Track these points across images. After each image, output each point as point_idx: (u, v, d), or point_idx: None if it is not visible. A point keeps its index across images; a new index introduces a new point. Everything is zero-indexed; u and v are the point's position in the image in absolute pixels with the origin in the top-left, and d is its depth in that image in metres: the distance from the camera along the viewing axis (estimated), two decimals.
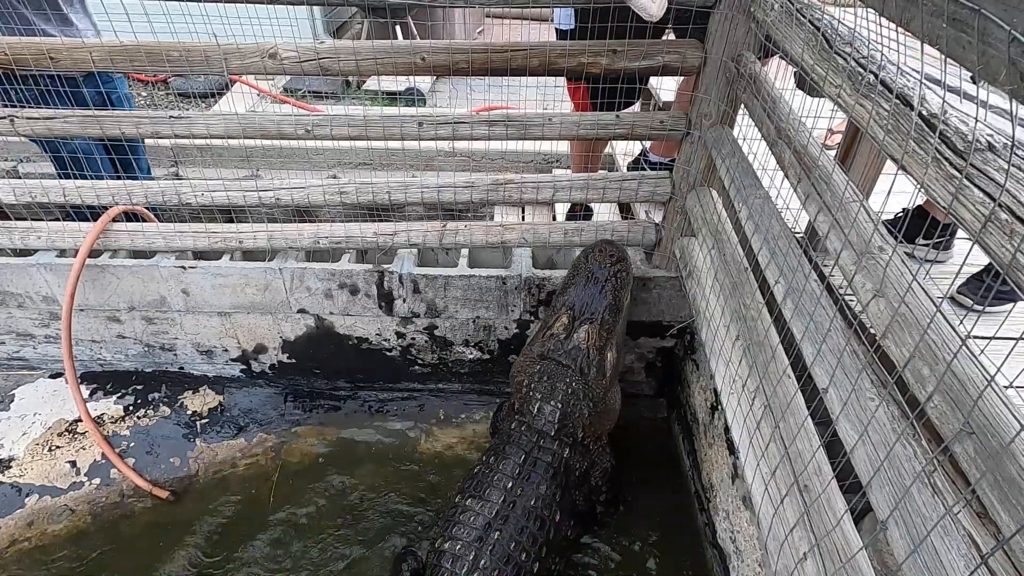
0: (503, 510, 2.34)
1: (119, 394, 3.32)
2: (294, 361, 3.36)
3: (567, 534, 2.53)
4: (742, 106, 2.42)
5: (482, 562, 2.23)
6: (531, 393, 2.58)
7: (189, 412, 3.28)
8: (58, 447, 3.06)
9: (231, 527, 2.80)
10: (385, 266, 2.98)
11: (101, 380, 3.38)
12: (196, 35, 2.42)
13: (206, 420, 3.25)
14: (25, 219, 3.13)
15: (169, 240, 2.94)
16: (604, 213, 3.32)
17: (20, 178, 3.29)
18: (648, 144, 3.54)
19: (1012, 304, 2.22)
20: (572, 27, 2.83)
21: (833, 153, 2.44)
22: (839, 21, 1.66)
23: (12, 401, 3.26)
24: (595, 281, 2.63)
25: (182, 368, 3.43)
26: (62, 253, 3.04)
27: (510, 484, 2.40)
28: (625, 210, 3.54)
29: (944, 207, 1.16)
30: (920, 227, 2.50)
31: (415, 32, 6.19)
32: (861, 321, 1.48)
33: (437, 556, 2.31)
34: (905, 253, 1.41)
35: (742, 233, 2.31)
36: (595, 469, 2.67)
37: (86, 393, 3.29)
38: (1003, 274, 0.99)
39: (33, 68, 2.44)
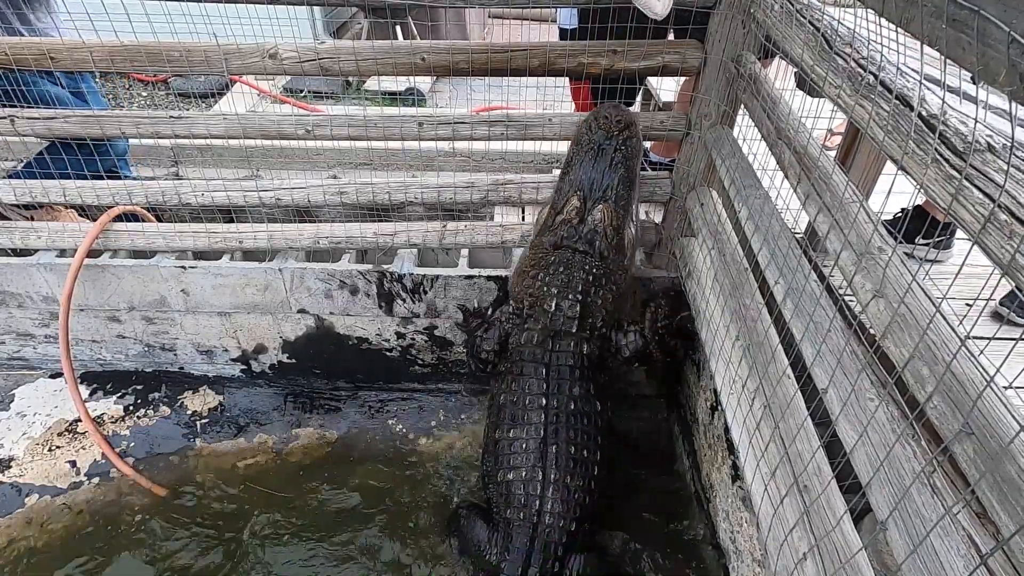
0: (550, 427, 2.35)
1: (119, 394, 3.32)
2: (294, 361, 3.36)
3: (608, 414, 2.52)
4: (742, 106, 2.42)
5: (552, 475, 2.31)
6: (545, 289, 2.41)
7: (189, 412, 3.28)
8: (58, 447, 3.06)
9: (231, 527, 2.80)
10: (385, 266, 2.98)
11: (101, 380, 3.38)
12: (196, 35, 2.43)
13: (206, 420, 3.25)
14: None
15: (169, 240, 2.94)
16: None
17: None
18: (648, 144, 3.54)
19: None
20: (575, 27, 2.83)
21: (833, 154, 2.44)
22: (839, 22, 1.66)
23: (12, 401, 3.26)
24: (603, 154, 2.39)
25: (182, 368, 3.43)
26: (62, 253, 3.04)
27: (544, 400, 2.36)
28: None
29: (944, 208, 1.16)
30: (919, 227, 2.50)
31: (415, 32, 6.19)
32: (861, 321, 1.48)
33: (505, 487, 2.36)
34: (904, 253, 1.41)
35: (742, 233, 2.31)
36: (617, 342, 2.52)
37: (86, 393, 3.29)
38: None
39: (34, 68, 2.44)
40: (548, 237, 2.44)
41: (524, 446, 2.36)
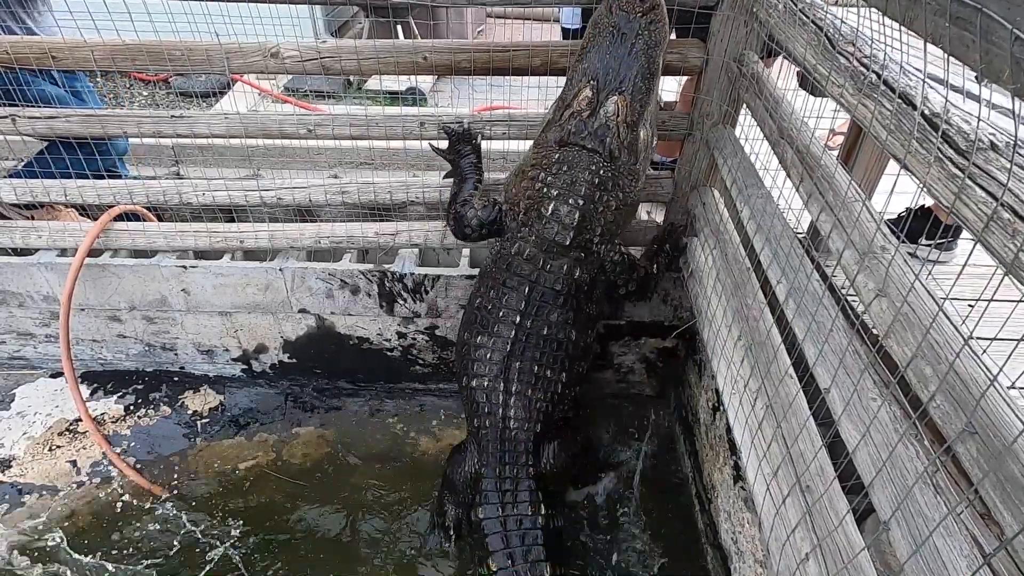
0: (517, 342, 2.37)
1: (120, 394, 3.32)
2: (295, 361, 3.36)
3: (585, 342, 2.51)
4: (744, 106, 2.42)
5: (514, 387, 2.37)
6: (544, 191, 2.22)
7: (190, 412, 3.28)
8: (58, 446, 3.06)
9: (231, 526, 2.80)
10: (386, 266, 2.98)
11: (102, 380, 3.38)
12: (198, 34, 2.43)
13: (207, 420, 3.25)
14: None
15: (170, 239, 2.94)
16: None
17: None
18: None
19: None
20: (578, 26, 2.83)
21: (835, 154, 2.44)
22: (842, 20, 1.66)
23: (13, 400, 3.26)
24: (622, 39, 2.10)
25: (183, 368, 3.43)
26: (63, 252, 3.03)
27: (518, 319, 2.35)
28: None
29: (947, 207, 1.15)
30: (923, 227, 2.50)
31: (416, 31, 6.19)
32: (863, 321, 1.48)
33: (470, 393, 2.45)
34: (908, 253, 1.41)
35: (744, 233, 2.31)
36: (606, 268, 2.41)
37: (87, 393, 3.29)
38: None
39: (35, 67, 2.44)
40: (554, 133, 2.23)
41: (489, 356, 2.40)
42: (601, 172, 2.17)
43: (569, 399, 2.57)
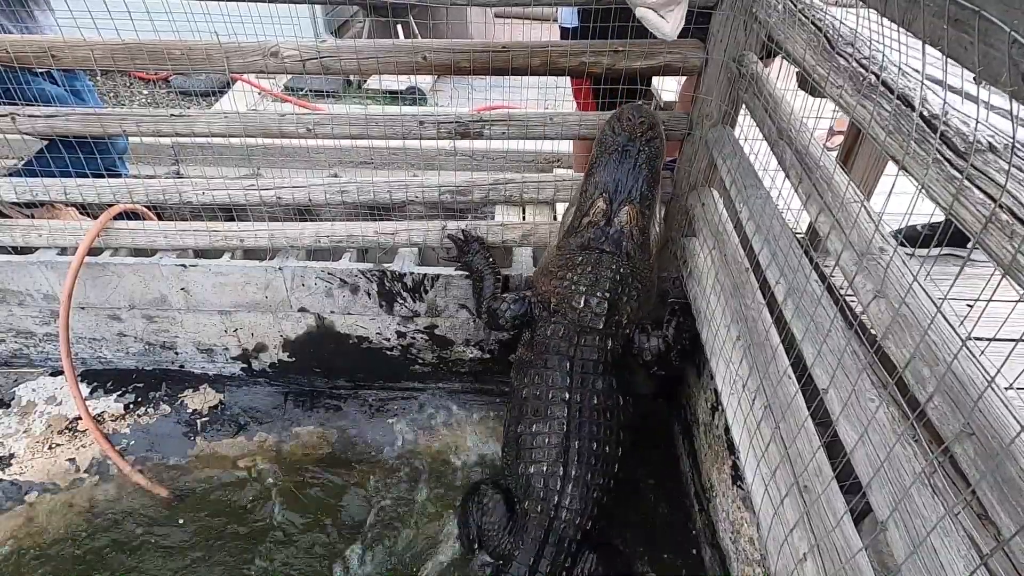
0: (572, 420, 2.39)
1: (119, 392, 3.33)
2: (294, 360, 3.36)
3: (628, 403, 2.54)
4: (743, 106, 2.42)
5: (572, 472, 2.37)
6: (573, 288, 2.44)
7: (189, 410, 3.28)
8: (58, 444, 3.06)
9: (231, 525, 2.80)
10: (386, 265, 2.98)
11: (102, 378, 3.38)
12: (198, 33, 2.43)
13: (206, 418, 3.25)
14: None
15: (170, 238, 2.94)
16: None
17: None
18: None
19: None
20: (576, 26, 2.83)
21: (834, 154, 2.44)
22: (841, 22, 1.66)
23: (12, 399, 3.27)
24: (627, 155, 2.41)
25: (183, 366, 3.43)
26: (63, 251, 3.04)
27: (568, 395, 2.41)
28: None
29: (945, 208, 1.16)
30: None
31: (416, 31, 6.20)
32: (862, 322, 1.48)
33: (526, 480, 2.43)
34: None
35: (743, 233, 2.31)
36: (640, 344, 2.55)
37: (86, 391, 3.29)
38: None
39: (35, 66, 2.45)
40: (575, 239, 2.47)
41: (547, 440, 2.41)
42: (622, 270, 2.42)
43: (617, 488, 2.50)
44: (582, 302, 2.42)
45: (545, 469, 2.39)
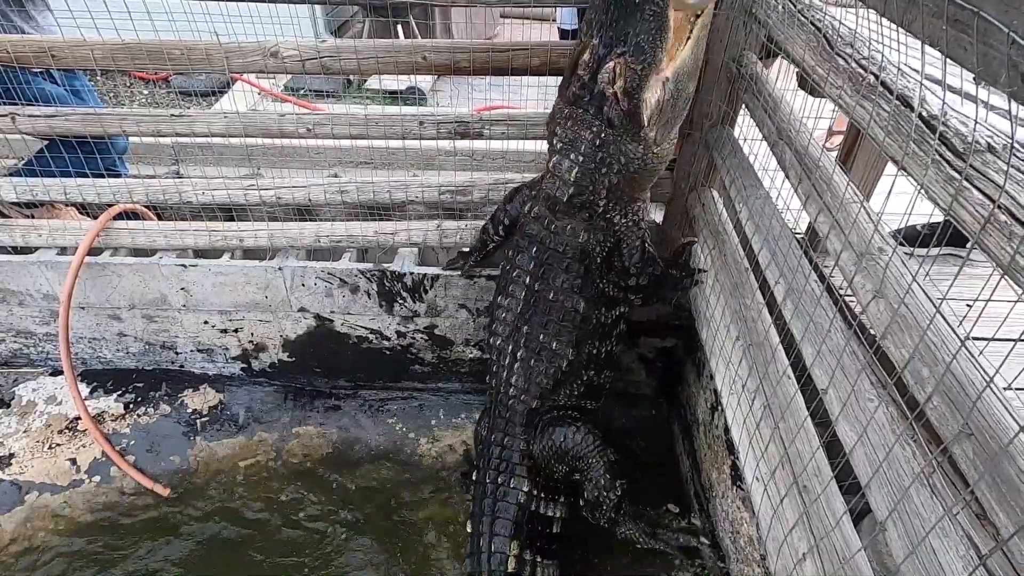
0: (527, 306, 2.41)
1: (119, 392, 3.33)
2: (294, 360, 3.36)
3: (599, 319, 2.43)
4: (743, 106, 2.42)
5: (519, 353, 2.43)
6: (553, 142, 2.17)
7: (189, 410, 3.28)
8: (58, 444, 3.06)
9: (231, 525, 2.80)
10: (386, 265, 2.98)
11: (102, 378, 3.38)
12: (198, 33, 2.43)
13: (206, 418, 3.25)
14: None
15: (170, 238, 2.94)
16: None
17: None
18: None
19: None
20: (576, 27, 2.83)
21: (834, 155, 2.44)
22: (840, 22, 1.66)
23: (13, 398, 3.27)
24: None
25: (182, 366, 3.43)
26: (63, 251, 3.04)
27: (527, 279, 2.39)
28: None
29: (944, 208, 1.16)
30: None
31: (416, 31, 6.19)
32: (861, 322, 1.48)
33: (489, 346, 2.55)
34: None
35: (743, 233, 2.31)
36: (621, 246, 2.30)
37: (86, 391, 3.29)
38: None
39: (35, 65, 2.45)
40: (566, 88, 2.15)
41: (504, 316, 2.47)
42: (601, 135, 2.07)
43: (580, 384, 2.50)
44: (553, 163, 2.16)
45: (499, 343, 2.48)
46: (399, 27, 6.07)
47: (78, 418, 3.13)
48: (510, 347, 2.43)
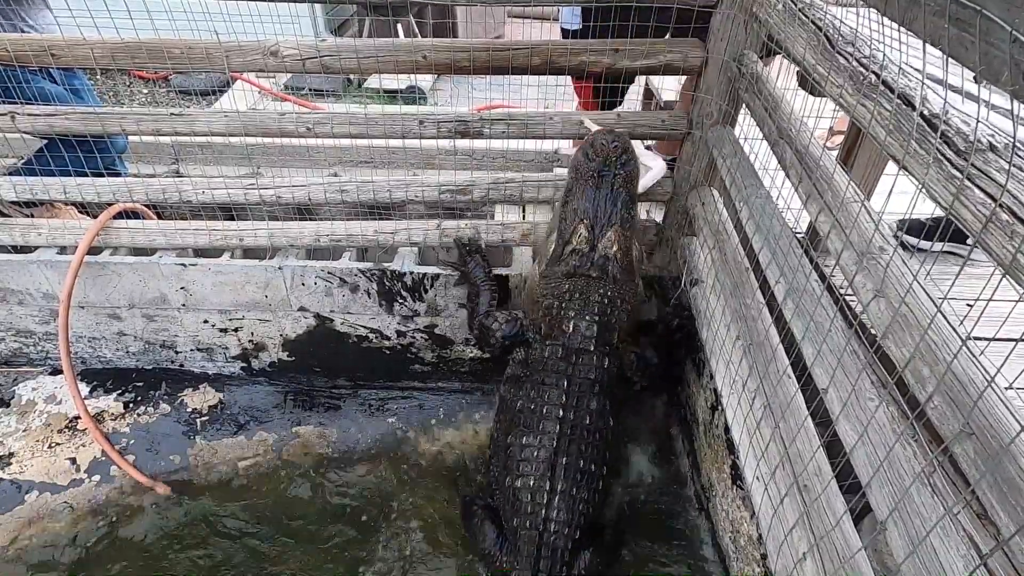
0: (563, 437, 2.40)
1: (119, 391, 3.32)
2: (294, 359, 3.36)
3: (616, 426, 2.57)
4: (743, 105, 2.42)
5: (559, 486, 2.37)
6: (563, 314, 2.49)
7: (189, 409, 3.28)
8: (58, 444, 3.06)
9: (230, 525, 2.80)
10: (386, 264, 2.98)
11: (101, 377, 3.38)
12: (197, 32, 2.43)
13: (206, 418, 3.25)
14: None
15: (170, 237, 2.94)
16: None
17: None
18: (651, 142, 3.53)
19: None
20: (578, 27, 2.83)
21: (834, 154, 2.44)
22: (841, 21, 1.66)
23: (12, 397, 3.26)
24: (604, 182, 2.43)
25: (182, 366, 3.43)
26: (62, 250, 3.03)
27: (561, 412, 2.41)
28: None
29: (945, 208, 1.16)
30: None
31: (416, 30, 6.19)
32: (861, 321, 1.48)
33: (512, 494, 2.43)
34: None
35: (743, 233, 2.31)
36: (625, 364, 2.60)
37: (86, 390, 3.29)
38: None
39: (34, 64, 2.44)
40: (560, 267, 2.50)
41: (535, 454, 2.41)
42: (608, 293, 2.46)
43: (603, 497, 2.55)
44: (571, 327, 2.47)
45: (532, 483, 2.39)
46: (399, 26, 6.07)
47: (78, 417, 3.13)
48: (547, 484, 2.38)
